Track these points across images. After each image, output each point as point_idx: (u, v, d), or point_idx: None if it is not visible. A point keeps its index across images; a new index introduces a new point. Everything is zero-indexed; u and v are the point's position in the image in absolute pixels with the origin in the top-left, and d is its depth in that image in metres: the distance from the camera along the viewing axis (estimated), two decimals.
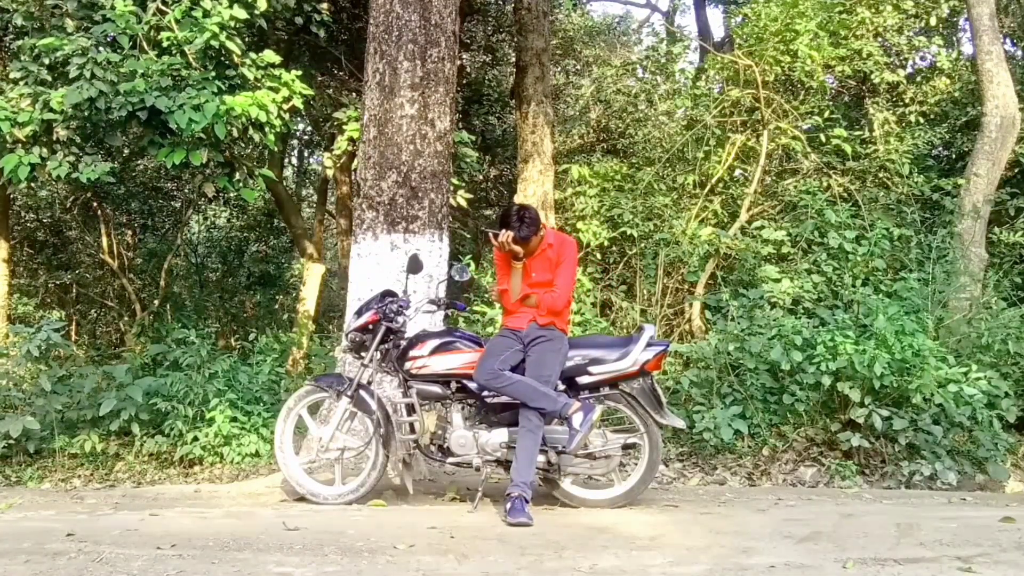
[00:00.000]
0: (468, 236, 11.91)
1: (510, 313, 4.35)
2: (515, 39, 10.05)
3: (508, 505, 3.86)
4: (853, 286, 6.77)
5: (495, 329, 6.14)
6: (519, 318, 4.29)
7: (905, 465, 5.31)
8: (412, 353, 4.35)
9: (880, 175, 8.46)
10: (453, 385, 4.32)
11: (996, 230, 8.07)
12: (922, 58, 10.29)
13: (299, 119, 11.09)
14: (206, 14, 5.72)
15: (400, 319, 4.43)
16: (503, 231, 4.12)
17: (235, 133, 5.82)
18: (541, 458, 4.13)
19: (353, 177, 8.47)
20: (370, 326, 4.40)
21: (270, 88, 6.08)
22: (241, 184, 6.38)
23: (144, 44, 5.80)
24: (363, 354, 4.44)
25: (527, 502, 3.88)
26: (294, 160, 16.13)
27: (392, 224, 5.20)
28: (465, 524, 3.82)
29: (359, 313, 4.53)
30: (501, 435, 4.20)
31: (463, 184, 7.80)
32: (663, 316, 7.59)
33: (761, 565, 3.06)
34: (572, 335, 6.26)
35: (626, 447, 4.29)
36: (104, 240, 11.07)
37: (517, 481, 3.93)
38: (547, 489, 4.34)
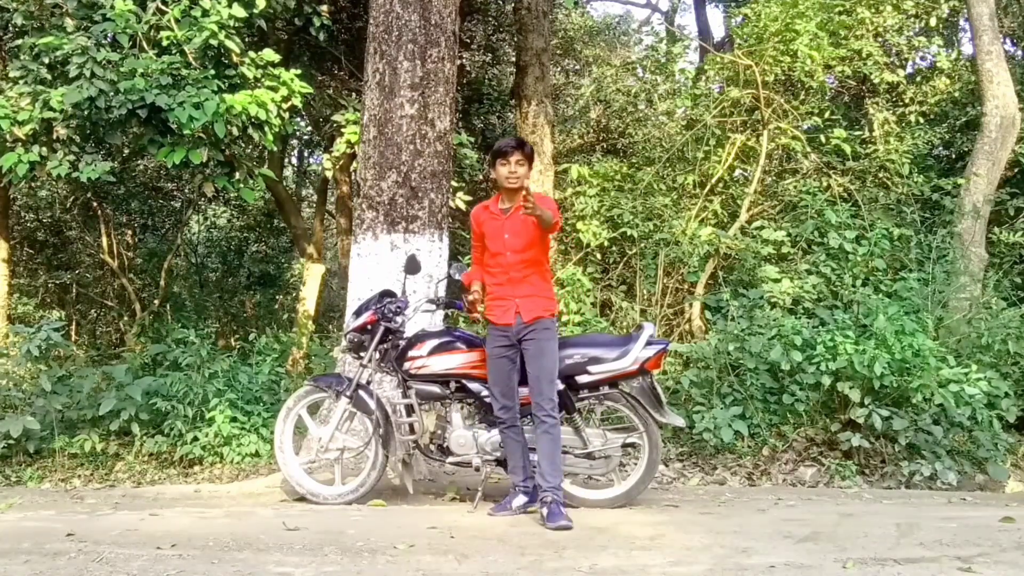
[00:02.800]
0: (468, 236, 11.87)
1: (494, 299, 4.11)
2: (515, 39, 10.05)
3: (545, 511, 3.82)
4: (853, 286, 6.77)
5: None
6: (502, 308, 4.05)
7: (905, 465, 5.31)
8: (411, 353, 4.35)
9: (880, 175, 8.45)
10: (452, 385, 4.31)
11: (996, 230, 8.06)
12: (922, 58, 10.28)
13: (299, 119, 11.08)
14: (205, 13, 5.72)
15: (399, 319, 4.42)
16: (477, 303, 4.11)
17: (235, 132, 5.82)
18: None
19: (353, 177, 8.47)
20: (369, 326, 4.40)
21: (269, 87, 6.08)
22: (241, 184, 6.38)
23: (144, 43, 5.81)
24: (362, 354, 4.44)
25: (563, 504, 3.87)
26: (294, 160, 16.12)
27: (392, 224, 5.20)
28: (465, 524, 3.81)
29: (358, 313, 4.54)
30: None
31: (463, 185, 7.79)
32: (663, 316, 7.58)
33: (761, 565, 3.06)
34: (572, 334, 6.27)
35: (626, 447, 4.29)
36: (104, 240, 11.08)
37: (547, 486, 3.89)
38: None
